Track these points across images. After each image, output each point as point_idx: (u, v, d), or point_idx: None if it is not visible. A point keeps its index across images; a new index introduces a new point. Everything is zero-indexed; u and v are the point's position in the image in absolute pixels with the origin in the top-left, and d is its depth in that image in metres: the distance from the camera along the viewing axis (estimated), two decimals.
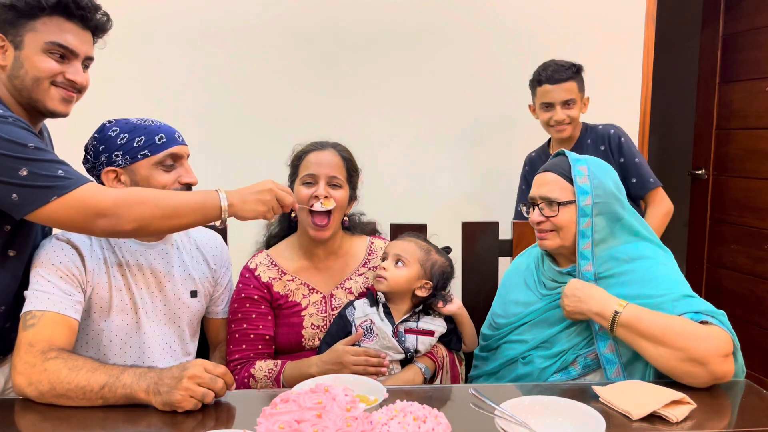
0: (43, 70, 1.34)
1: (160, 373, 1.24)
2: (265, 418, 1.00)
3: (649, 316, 1.36)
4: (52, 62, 1.34)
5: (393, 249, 1.61)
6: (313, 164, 1.61)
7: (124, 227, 1.28)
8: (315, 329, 1.62)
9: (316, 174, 1.60)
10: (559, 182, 1.52)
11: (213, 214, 1.34)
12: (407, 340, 1.56)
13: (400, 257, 1.58)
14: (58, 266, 1.37)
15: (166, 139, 1.44)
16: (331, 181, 1.61)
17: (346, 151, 1.69)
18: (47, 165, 1.24)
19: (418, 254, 1.60)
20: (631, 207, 1.54)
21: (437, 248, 1.66)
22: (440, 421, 1.05)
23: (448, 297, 1.62)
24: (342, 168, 1.64)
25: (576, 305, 1.43)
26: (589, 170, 1.51)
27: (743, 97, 3.02)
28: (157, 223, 1.31)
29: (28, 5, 1.31)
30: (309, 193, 1.59)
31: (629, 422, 1.20)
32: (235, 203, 1.35)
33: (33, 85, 1.34)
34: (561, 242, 1.52)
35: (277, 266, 1.67)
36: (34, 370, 1.24)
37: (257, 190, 1.39)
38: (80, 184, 1.26)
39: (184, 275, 1.54)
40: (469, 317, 1.66)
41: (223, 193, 1.35)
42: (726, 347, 1.32)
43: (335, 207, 1.59)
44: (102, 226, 1.27)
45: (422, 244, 1.64)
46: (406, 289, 1.58)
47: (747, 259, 3.03)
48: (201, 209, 1.33)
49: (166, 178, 1.44)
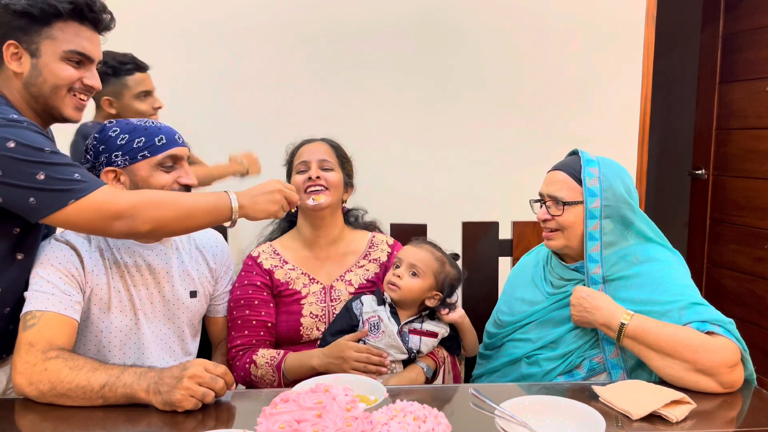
0: (63, 78, 1.34)
1: (160, 372, 1.24)
2: (265, 418, 1.00)
3: (655, 327, 1.35)
4: (71, 70, 1.35)
5: (408, 258, 1.59)
6: (305, 153, 1.70)
7: (140, 229, 1.30)
8: (314, 318, 1.63)
9: (307, 160, 1.68)
10: (568, 182, 1.51)
11: (225, 215, 1.37)
12: (411, 341, 1.56)
13: (416, 268, 1.57)
14: (57, 267, 1.37)
15: (166, 140, 1.44)
16: (323, 164, 1.68)
17: (335, 141, 1.77)
18: (63, 168, 1.25)
19: (434, 266, 1.58)
20: (641, 212, 1.53)
21: (450, 259, 1.65)
22: (440, 421, 1.05)
23: (452, 305, 1.62)
24: (332, 153, 1.71)
25: (582, 315, 1.43)
26: (600, 172, 1.49)
27: (743, 97, 3.02)
28: (172, 224, 1.34)
29: (43, 12, 1.31)
30: (303, 178, 1.66)
31: (629, 422, 1.20)
32: (246, 204, 1.38)
33: (51, 92, 1.35)
34: (566, 242, 1.52)
35: (279, 255, 1.70)
36: (34, 370, 1.24)
37: (267, 191, 1.42)
38: (96, 187, 1.28)
39: (183, 275, 1.54)
40: (471, 326, 1.65)
41: (233, 194, 1.38)
42: (733, 357, 1.32)
43: (330, 187, 1.65)
44: (119, 228, 1.29)
45: (437, 254, 1.61)
46: (417, 298, 1.58)
47: (747, 259, 3.03)
48: (213, 211, 1.36)
49: (166, 179, 1.44)
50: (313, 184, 1.64)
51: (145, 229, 1.30)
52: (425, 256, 1.59)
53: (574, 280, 1.53)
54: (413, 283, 1.56)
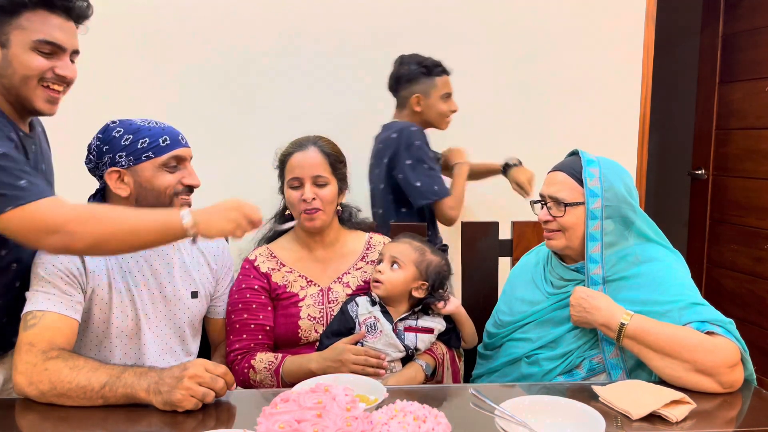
0: (33, 68, 1.30)
1: (160, 372, 1.24)
2: (265, 418, 1.00)
3: (655, 327, 1.36)
4: (40, 59, 1.31)
5: (388, 251, 1.62)
6: (296, 167, 1.64)
7: (76, 245, 1.23)
8: (312, 320, 1.62)
9: (300, 177, 1.63)
10: (568, 183, 1.51)
11: (176, 233, 1.29)
12: (407, 338, 1.56)
13: (396, 259, 1.59)
14: (59, 267, 1.37)
15: (170, 141, 1.44)
16: (317, 180, 1.63)
17: (329, 144, 1.69)
18: (9, 174, 1.20)
19: (413, 256, 1.60)
20: (642, 212, 1.53)
21: (432, 248, 1.67)
22: (440, 420, 1.05)
23: (445, 297, 1.62)
24: (325, 165, 1.65)
25: (582, 315, 1.43)
26: (600, 172, 1.49)
27: (743, 97, 3.02)
28: (113, 242, 1.26)
29: (10, 2, 1.28)
30: (298, 196, 1.63)
31: (629, 422, 1.20)
32: (200, 221, 1.30)
33: (21, 83, 1.31)
34: (567, 243, 1.51)
35: (276, 258, 1.70)
36: (34, 370, 1.25)
37: (224, 208, 1.35)
38: (39, 197, 1.21)
39: (184, 276, 1.54)
40: (467, 316, 1.66)
41: (187, 211, 1.30)
42: (732, 357, 1.32)
43: (324, 206, 1.63)
44: (52, 243, 1.22)
45: (416, 244, 1.64)
46: (402, 290, 1.59)
47: (747, 259, 3.03)
48: (163, 229, 1.28)
49: (169, 180, 1.44)
50: (307, 207, 1.62)
51: (81, 246, 1.23)
52: (403, 247, 1.62)
53: (574, 281, 1.53)
54: (395, 276, 1.58)
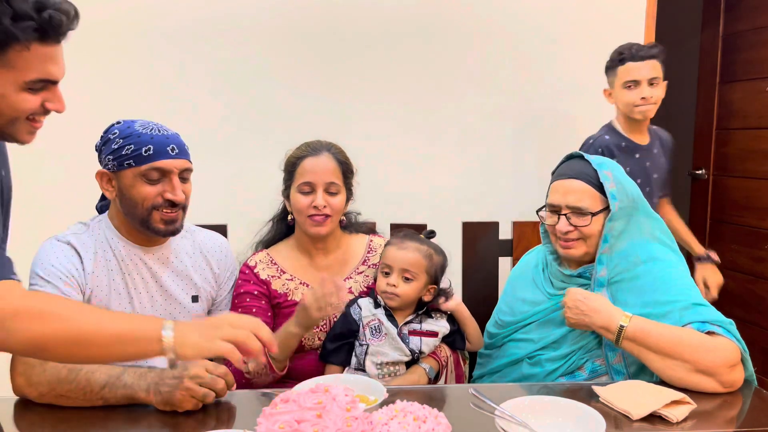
0: (24, 110, 1.10)
1: (160, 373, 1.24)
2: (265, 418, 1.00)
3: (655, 328, 1.35)
4: (32, 99, 1.11)
5: (397, 263, 1.54)
6: (309, 172, 1.59)
7: (12, 346, 1.06)
8: (315, 328, 1.61)
9: (313, 182, 1.58)
10: (587, 191, 1.47)
11: (149, 348, 1.07)
12: (411, 342, 1.55)
13: (408, 272, 1.54)
14: (58, 267, 1.37)
15: (153, 151, 1.40)
16: (329, 188, 1.59)
17: (341, 153, 1.66)
18: None
19: (423, 264, 1.55)
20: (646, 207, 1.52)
21: (433, 245, 1.62)
22: (440, 421, 1.05)
23: (448, 292, 1.61)
24: (338, 172, 1.61)
25: (579, 318, 1.41)
26: (613, 174, 1.48)
27: (743, 97, 3.02)
28: (59, 349, 1.06)
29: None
30: (308, 202, 1.58)
31: (629, 422, 1.20)
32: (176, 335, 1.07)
33: (7, 123, 1.11)
34: (587, 249, 1.49)
35: (276, 264, 1.67)
36: (33, 371, 1.24)
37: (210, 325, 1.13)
38: None
39: (185, 279, 1.54)
40: (470, 314, 1.63)
41: (169, 323, 1.08)
42: (733, 357, 1.32)
43: (333, 214, 1.60)
44: None
45: (423, 249, 1.57)
46: (416, 299, 1.58)
47: (747, 259, 3.02)
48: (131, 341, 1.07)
49: (148, 191, 1.41)
50: (317, 214, 1.58)
51: (18, 348, 1.07)
52: (414, 258, 1.55)
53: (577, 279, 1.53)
54: (409, 287, 1.54)
